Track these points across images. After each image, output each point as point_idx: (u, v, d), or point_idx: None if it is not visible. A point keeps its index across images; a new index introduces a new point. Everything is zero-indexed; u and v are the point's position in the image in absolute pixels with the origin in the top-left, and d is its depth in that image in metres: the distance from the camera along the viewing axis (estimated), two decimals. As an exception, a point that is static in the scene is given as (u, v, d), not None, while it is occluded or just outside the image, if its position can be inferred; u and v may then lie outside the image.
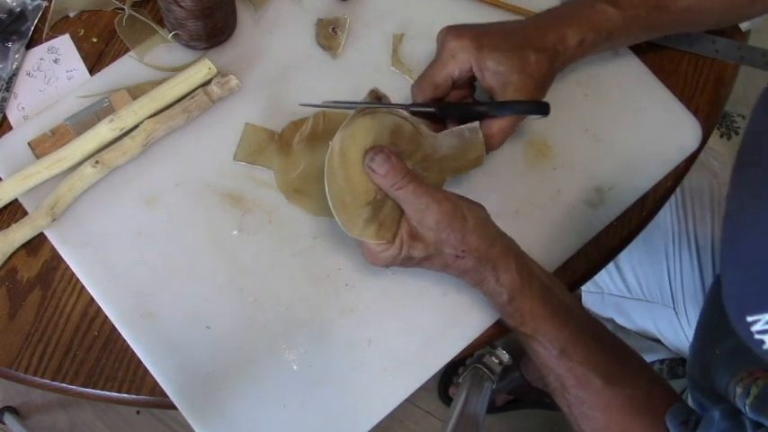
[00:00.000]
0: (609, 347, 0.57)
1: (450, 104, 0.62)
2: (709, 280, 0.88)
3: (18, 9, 0.65)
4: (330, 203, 0.55)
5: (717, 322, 0.67)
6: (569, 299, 0.58)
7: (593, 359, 0.54)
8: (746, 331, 0.35)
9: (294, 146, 0.63)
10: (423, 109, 0.60)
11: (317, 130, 0.64)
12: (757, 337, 0.35)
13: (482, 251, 0.55)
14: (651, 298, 0.93)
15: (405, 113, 0.58)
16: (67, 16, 0.67)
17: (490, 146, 0.60)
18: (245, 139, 0.63)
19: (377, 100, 0.59)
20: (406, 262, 0.56)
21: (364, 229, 0.55)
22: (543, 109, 0.59)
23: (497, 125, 0.59)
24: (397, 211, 0.56)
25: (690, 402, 0.74)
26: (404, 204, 0.55)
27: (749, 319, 0.35)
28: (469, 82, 0.62)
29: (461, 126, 0.59)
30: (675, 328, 0.92)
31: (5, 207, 0.60)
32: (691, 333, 0.88)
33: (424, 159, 0.59)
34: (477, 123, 0.59)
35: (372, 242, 0.55)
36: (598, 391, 0.54)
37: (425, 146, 0.59)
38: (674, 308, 0.90)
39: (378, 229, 0.55)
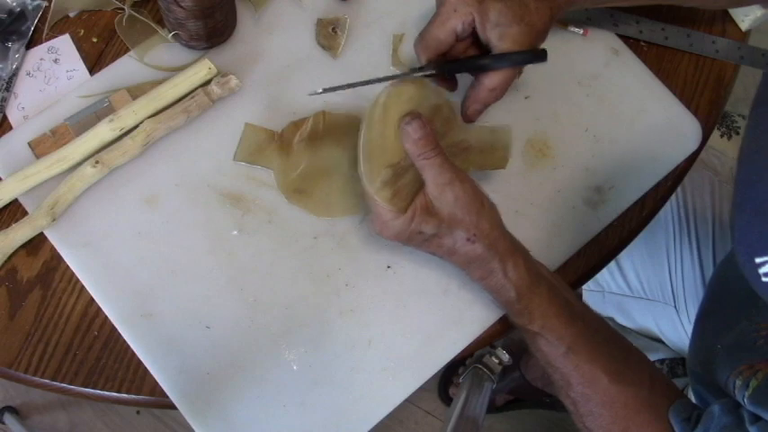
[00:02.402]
0: (613, 344, 0.57)
1: (451, 62, 0.60)
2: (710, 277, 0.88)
3: (18, 9, 0.65)
4: (360, 151, 0.55)
5: (718, 314, 0.67)
6: (573, 297, 0.58)
7: (598, 357, 0.54)
8: (754, 273, 0.35)
9: (294, 146, 0.63)
10: (424, 73, 0.59)
11: (318, 129, 0.64)
12: (765, 279, 0.35)
13: (493, 239, 0.55)
14: (652, 296, 0.93)
15: (447, 96, 0.58)
16: (67, 16, 0.67)
17: (492, 99, 0.59)
18: (245, 139, 0.63)
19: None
20: (415, 237, 0.56)
21: (380, 190, 0.55)
22: (541, 56, 0.58)
23: (496, 78, 0.57)
24: (415, 186, 0.56)
25: (691, 396, 0.74)
26: (426, 176, 0.55)
27: (758, 260, 0.35)
28: (473, 32, 0.60)
29: (495, 124, 0.60)
30: (676, 327, 0.92)
31: (5, 207, 0.60)
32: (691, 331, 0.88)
33: (453, 146, 0.59)
34: (509, 125, 0.60)
35: (385, 206, 0.55)
36: (604, 389, 0.54)
37: (457, 132, 0.59)
38: (675, 306, 0.91)
39: (392, 196, 0.55)
